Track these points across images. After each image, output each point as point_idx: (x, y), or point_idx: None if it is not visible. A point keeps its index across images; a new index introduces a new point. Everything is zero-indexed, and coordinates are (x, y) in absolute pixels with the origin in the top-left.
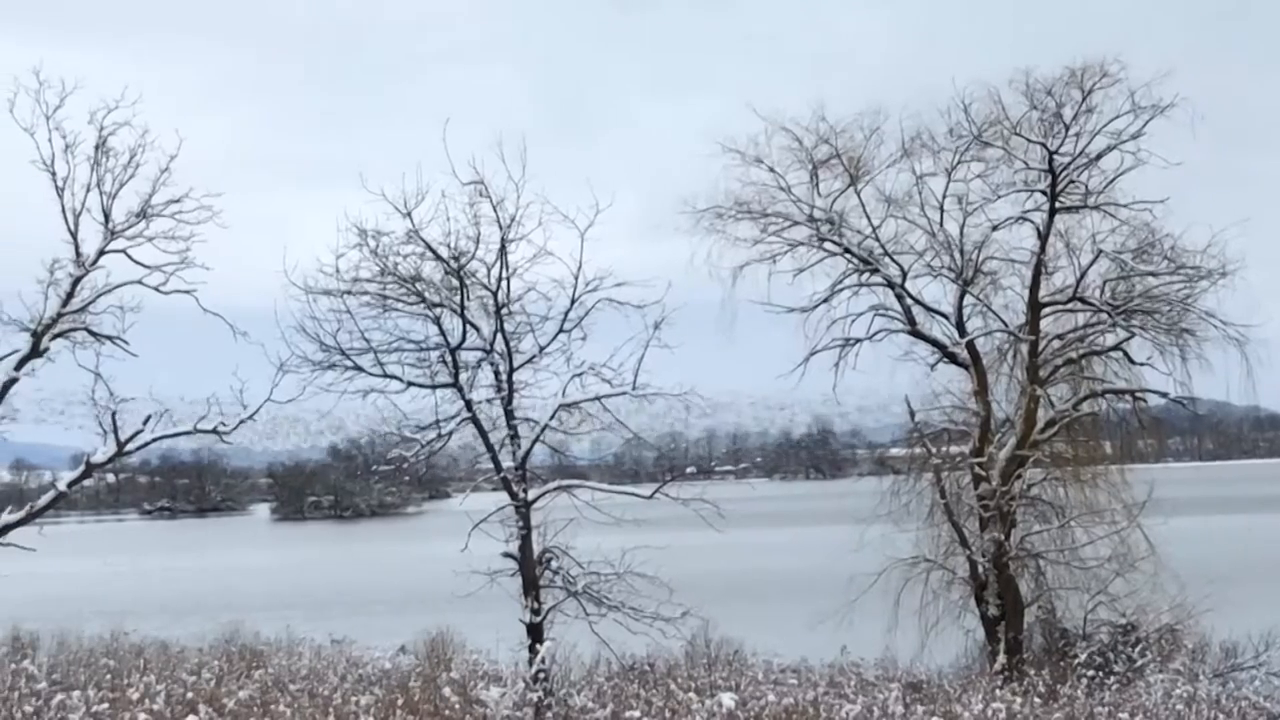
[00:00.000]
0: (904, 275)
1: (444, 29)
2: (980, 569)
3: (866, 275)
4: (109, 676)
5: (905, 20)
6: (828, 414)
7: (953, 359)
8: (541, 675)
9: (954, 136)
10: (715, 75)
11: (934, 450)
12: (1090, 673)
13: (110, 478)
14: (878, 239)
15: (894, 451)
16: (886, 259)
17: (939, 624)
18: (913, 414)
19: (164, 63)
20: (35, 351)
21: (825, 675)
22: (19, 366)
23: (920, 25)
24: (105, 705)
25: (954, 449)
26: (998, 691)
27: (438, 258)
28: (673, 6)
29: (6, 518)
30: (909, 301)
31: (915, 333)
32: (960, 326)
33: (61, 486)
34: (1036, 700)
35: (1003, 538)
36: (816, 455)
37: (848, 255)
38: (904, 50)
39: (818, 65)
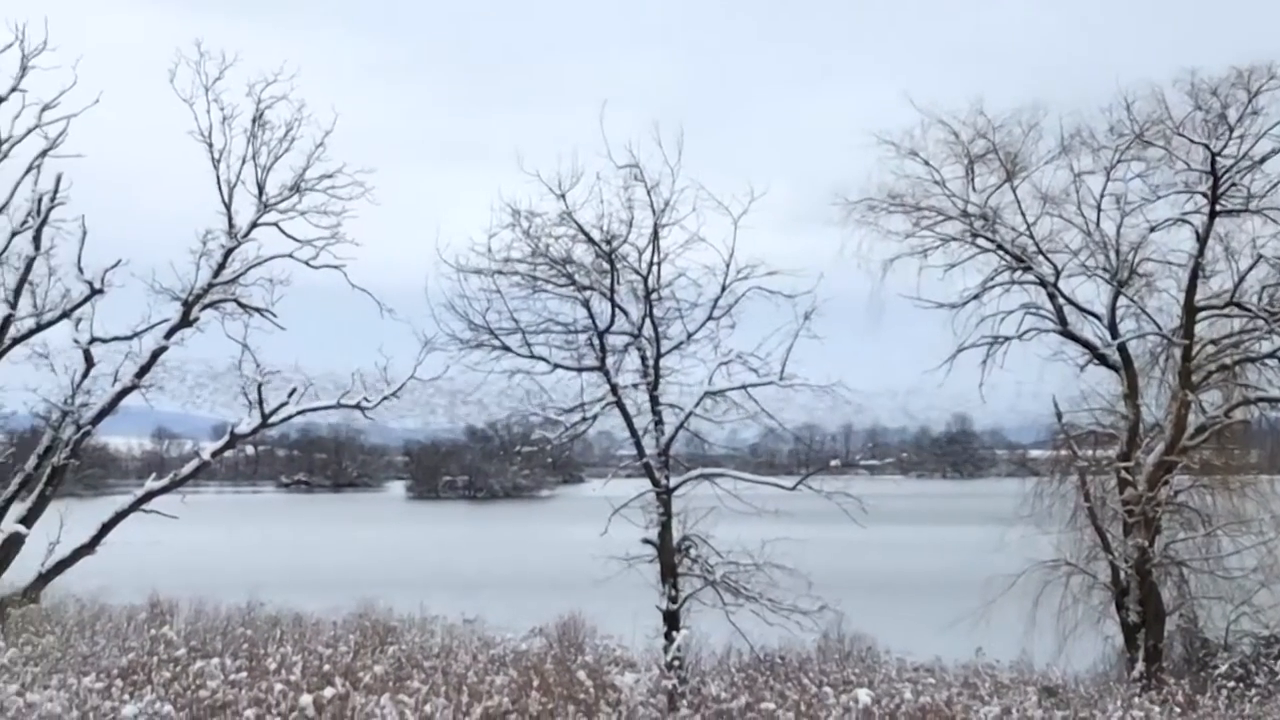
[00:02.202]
0: (1057, 274)
1: (601, 11)
2: (1122, 575)
3: (1019, 273)
4: (245, 646)
5: (1069, 14)
6: (968, 412)
7: (1103, 361)
8: (676, 662)
9: (1114, 135)
10: (872, 65)
11: (1079, 453)
12: (1231, 684)
13: (250, 449)
14: (1032, 236)
15: (1036, 453)
16: (1040, 257)
17: (1077, 629)
18: (1060, 415)
19: (321, 39)
20: (185, 321)
21: (960, 676)
22: (169, 335)
23: (1084, 20)
24: (243, 674)
25: (1100, 452)
26: (1136, 699)
27: (590, 240)
28: None
29: (149, 485)
30: (1061, 301)
31: (1066, 333)
32: (1113, 328)
33: (205, 456)
34: (1175, 709)
35: (1146, 544)
36: (956, 454)
37: (1000, 252)
38: (1066, 45)
39: (976, 58)
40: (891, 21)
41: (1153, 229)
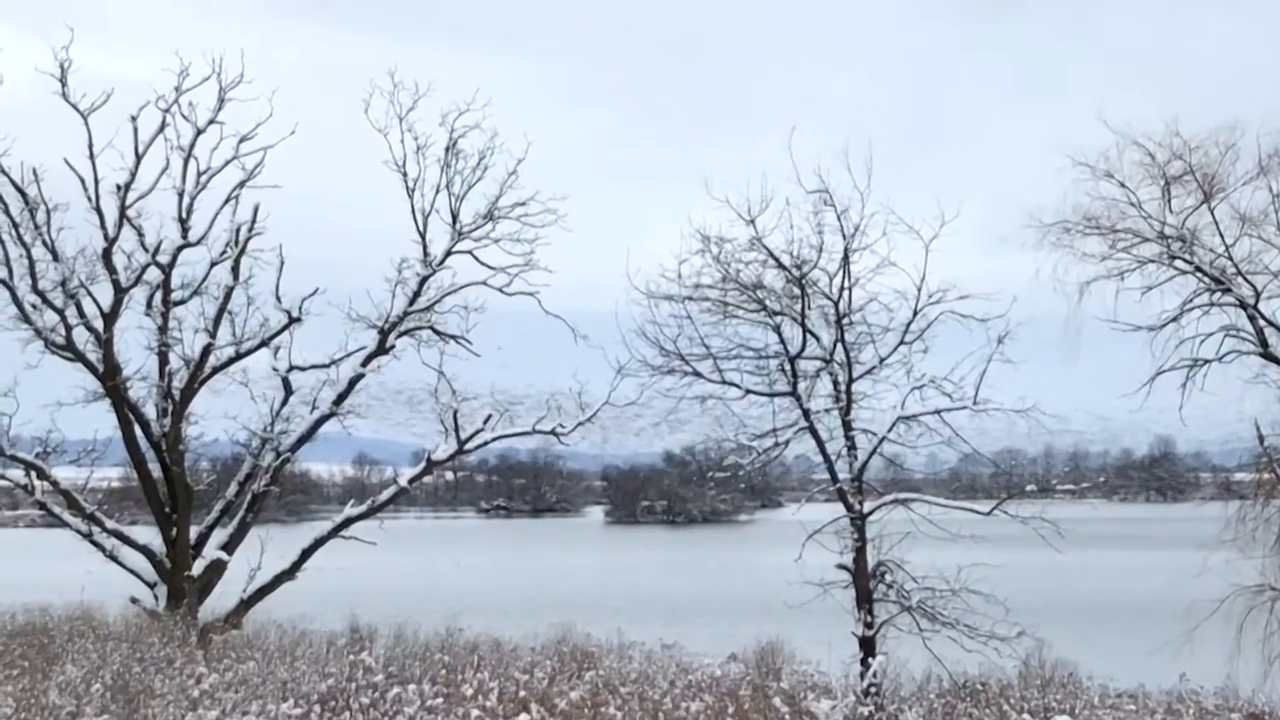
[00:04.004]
0: (1257, 296)
1: (797, 33)
2: None
3: (1218, 295)
4: (443, 671)
5: (1268, 31)
6: (1170, 435)
7: None
8: (873, 689)
9: None
10: (1069, 86)
11: None
12: None
13: (449, 475)
14: (1230, 258)
15: (1240, 476)
16: (1239, 278)
17: None
18: (1262, 438)
19: (510, 63)
20: (381, 349)
21: (1163, 703)
22: (366, 363)
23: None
24: (439, 700)
25: None
26: None
27: (780, 266)
28: (1031, 15)
29: (349, 511)
30: (1262, 323)
31: (1267, 355)
32: None
33: (403, 482)
34: None
35: None
36: (1158, 477)
37: (1198, 274)
38: (1264, 62)
39: (1172, 76)
40: (1090, 39)
41: None
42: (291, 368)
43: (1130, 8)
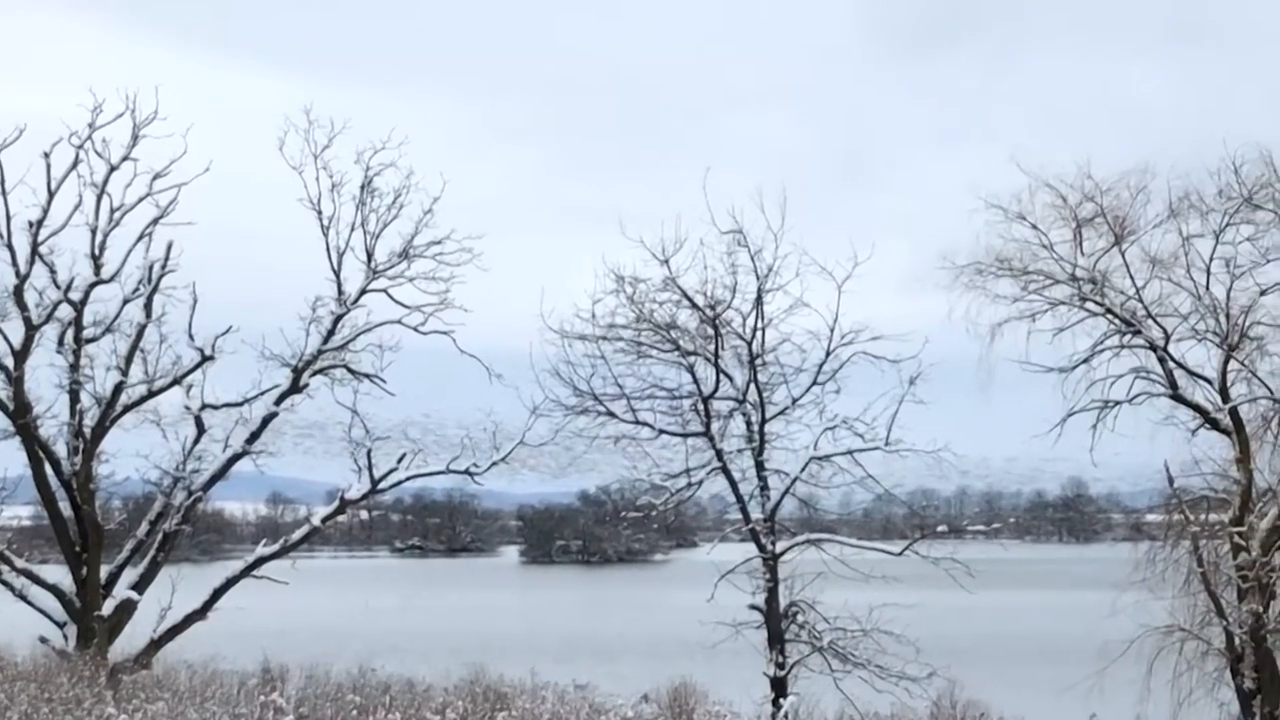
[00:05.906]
0: (1167, 338)
1: (721, 75)
2: (1237, 641)
3: (1128, 337)
4: (355, 712)
5: (1185, 75)
6: (1082, 477)
7: (1215, 425)
8: None
9: (1223, 198)
10: (990, 128)
11: (1192, 517)
12: None
13: (363, 514)
14: (1141, 300)
15: (1150, 517)
16: (1149, 321)
17: (1192, 695)
18: (1171, 480)
19: (427, 103)
20: (295, 387)
21: None
22: (279, 401)
23: (1194, 83)
24: None
25: (1213, 517)
26: None
27: (694, 306)
28: (956, 58)
29: (261, 550)
30: (1171, 365)
31: (1177, 397)
32: (1224, 392)
33: (316, 522)
34: None
35: (1261, 610)
36: (1070, 518)
37: (1109, 316)
38: (1180, 106)
39: (1090, 120)
40: (1010, 82)
41: (1263, 292)
42: (204, 406)
43: (1049, 51)
